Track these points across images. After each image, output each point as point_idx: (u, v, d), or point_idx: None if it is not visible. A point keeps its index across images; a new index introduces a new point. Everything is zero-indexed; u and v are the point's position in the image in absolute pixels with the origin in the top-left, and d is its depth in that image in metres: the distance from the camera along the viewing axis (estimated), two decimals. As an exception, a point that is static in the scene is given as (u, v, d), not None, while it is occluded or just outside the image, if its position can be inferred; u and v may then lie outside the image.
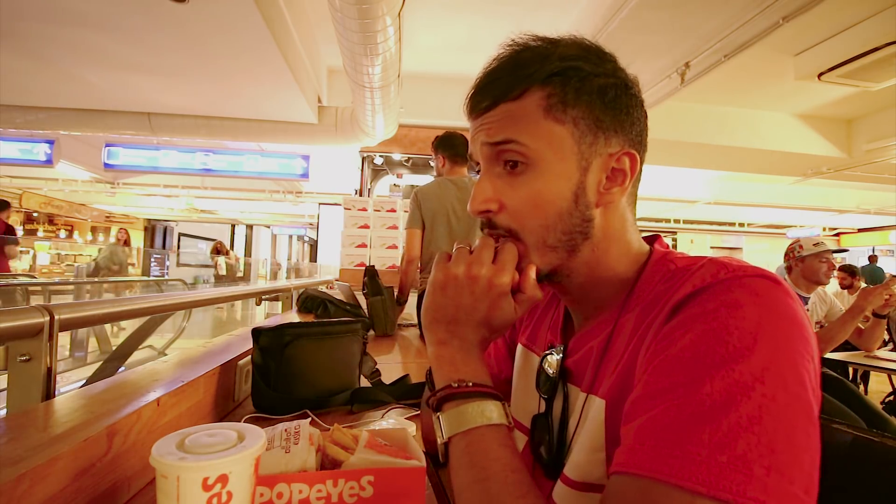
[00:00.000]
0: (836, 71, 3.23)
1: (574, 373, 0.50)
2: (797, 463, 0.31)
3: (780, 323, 0.35)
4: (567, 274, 0.49)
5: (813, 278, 2.33)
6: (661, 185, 7.49)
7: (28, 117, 4.44)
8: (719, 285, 0.38)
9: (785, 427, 0.31)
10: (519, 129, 0.46)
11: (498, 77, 0.48)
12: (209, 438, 0.47)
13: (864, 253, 9.70)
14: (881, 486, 0.52)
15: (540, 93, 0.46)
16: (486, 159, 0.49)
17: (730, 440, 0.30)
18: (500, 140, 0.47)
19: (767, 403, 0.32)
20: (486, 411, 0.44)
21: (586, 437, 0.45)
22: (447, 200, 2.16)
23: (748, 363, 0.33)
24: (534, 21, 3.47)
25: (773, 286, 0.37)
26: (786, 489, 0.30)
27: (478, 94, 0.49)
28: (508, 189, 0.48)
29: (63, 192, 9.62)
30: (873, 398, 3.41)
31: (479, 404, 0.44)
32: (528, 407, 0.57)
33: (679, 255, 0.47)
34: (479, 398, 0.45)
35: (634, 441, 0.34)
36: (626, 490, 0.33)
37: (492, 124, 0.47)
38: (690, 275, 0.41)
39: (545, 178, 0.46)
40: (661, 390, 0.35)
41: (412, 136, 4.64)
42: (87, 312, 0.97)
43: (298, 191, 9.05)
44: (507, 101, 0.47)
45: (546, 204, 0.46)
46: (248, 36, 2.89)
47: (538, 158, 0.46)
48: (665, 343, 0.38)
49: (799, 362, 0.34)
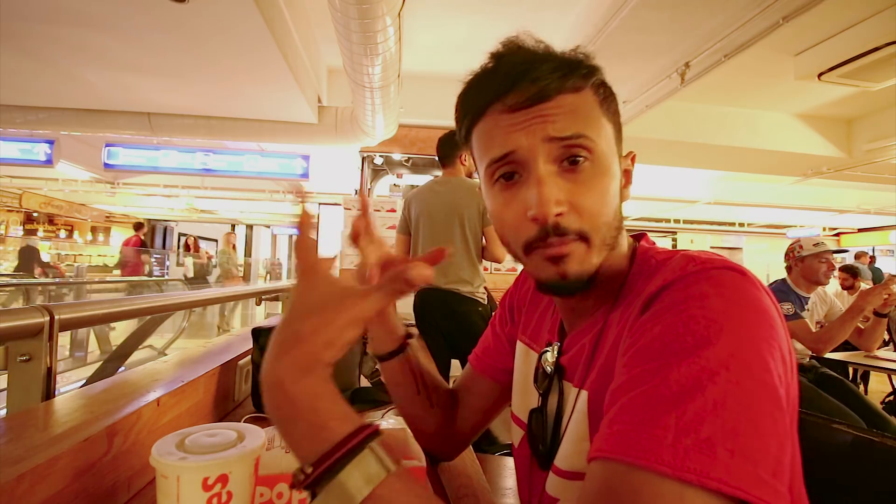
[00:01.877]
0: (836, 71, 3.23)
1: (568, 369, 0.52)
2: (763, 447, 0.31)
3: (745, 312, 0.36)
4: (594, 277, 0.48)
5: (812, 278, 2.33)
6: (661, 185, 7.49)
7: (28, 117, 4.44)
8: (687, 278, 0.39)
9: (749, 412, 0.32)
10: (586, 123, 0.44)
11: (548, 65, 0.44)
12: (209, 438, 0.47)
13: (864, 253, 9.69)
14: (881, 486, 0.52)
15: (592, 91, 0.46)
16: (547, 155, 0.44)
17: (695, 424, 0.31)
18: (571, 134, 0.43)
19: (732, 389, 0.32)
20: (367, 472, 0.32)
21: (574, 428, 0.47)
22: (429, 201, 2.14)
23: (714, 350, 0.34)
24: (534, 21, 3.47)
25: (738, 277, 0.39)
26: (750, 471, 0.30)
27: (527, 81, 0.44)
28: (575, 187, 0.44)
29: (63, 192, 9.62)
30: (873, 398, 3.41)
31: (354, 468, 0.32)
32: (527, 403, 0.58)
33: (661, 251, 0.49)
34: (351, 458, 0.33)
35: (608, 428, 0.35)
36: (599, 474, 0.34)
37: (556, 116, 0.43)
38: (663, 269, 0.42)
39: (608, 174, 0.46)
40: (632, 379, 0.36)
41: (412, 136, 4.64)
42: (87, 312, 0.97)
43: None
44: (566, 93, 0.44)
45: (610, 201, 0.46)
46: (248, 36, 2.89)
47: (602, 154, 0.45)
48: (638, 335, 0.39)
49: (764, 349, 0.35)
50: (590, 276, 0.46)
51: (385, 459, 0.33)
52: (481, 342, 0.74)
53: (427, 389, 0.68)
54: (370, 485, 0.32)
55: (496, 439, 1.91)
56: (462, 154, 2.12)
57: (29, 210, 11.14)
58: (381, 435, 0.34)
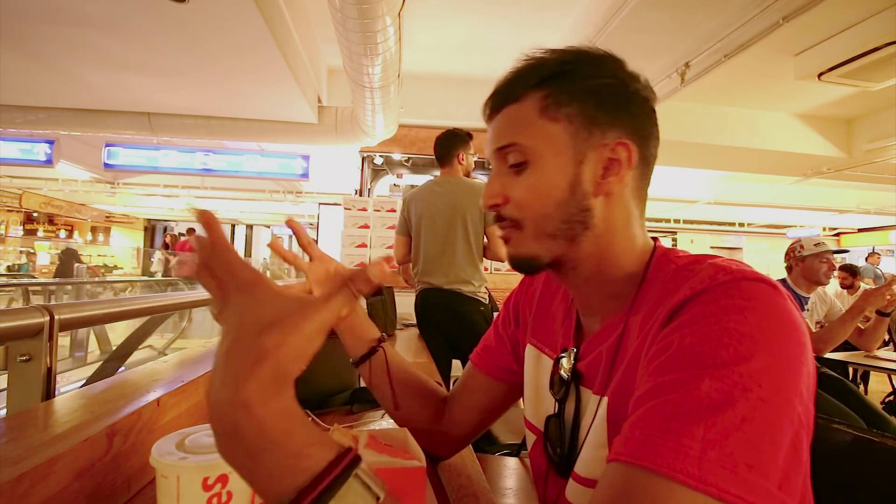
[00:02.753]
0: (836, 71, 3.22)
1: (586, 376, 0.52)
2: (774, 461, 0.32)
3: (779, 328, 0.37)
4: (573, 266, 0.51)
5: (813, 278, 2.33)
6: (661, 185, 7.49)
7: (28, 117, 4.44)
8: (718, 288, 0.39)
9: (772, 429, 0.33)
10: (518, 131, 0.51)
11: (502, 85, 0.53)
12: (209, 438, 0.47)
13: (864, 253, 9.69)
14: (881, 486, 0.52)
15: (536, 95, 0.50)
16: (495, 160, 0.54)
17: (722, 438, 0.32)
18: (502, 145, 0.52)
19: (762, 406, 0.33)
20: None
21: (594, 434, 0.47)
22: (430, 202, 2.14)
23: (749, 366, 0.34)
24: (534, 21, 3.47)
25: (770, 290, 0.39)
26: (762, 485, 0.31)
27: (487, 102, 0.55)
28: (513, 184, 0.52)
29: (63, 192, 9.63)
30: (873, 398, 3.41)
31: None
32: (542, 409, 0.59)
33: (681, 255, 0.49)
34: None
35: (630, 431, 0.35)
36: (617, 476, 0.34)
37: (497, 129, 0.53)
38: (690, 277, 0.42)
39: (542, 172, 0.50)
40: (659, 386, 0.36)
41: (412, 136, 4.64)
42: (87, 312, 0.97)
43: (298, 191, 9.05)
44: (509, 106, 0.52)
45: (544, 195, 0.50)
46: (249, 36, 2.89)
47: (536, 156, 0.50)
48: (664, 344, 0.39)
49: (796, 368, 0.36)
50: (531, 259, 0.52)
51: (373, 486, 0.29)
52: (483, 341, 0.75)
53: (393, 392, 0.71)
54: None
55: (496, 439, 1.91)
56: (460, 153, 2.12)
57: (29, 210, 11.14)
58: (361, 460, 0.30)
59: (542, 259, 0.51)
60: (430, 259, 2.11)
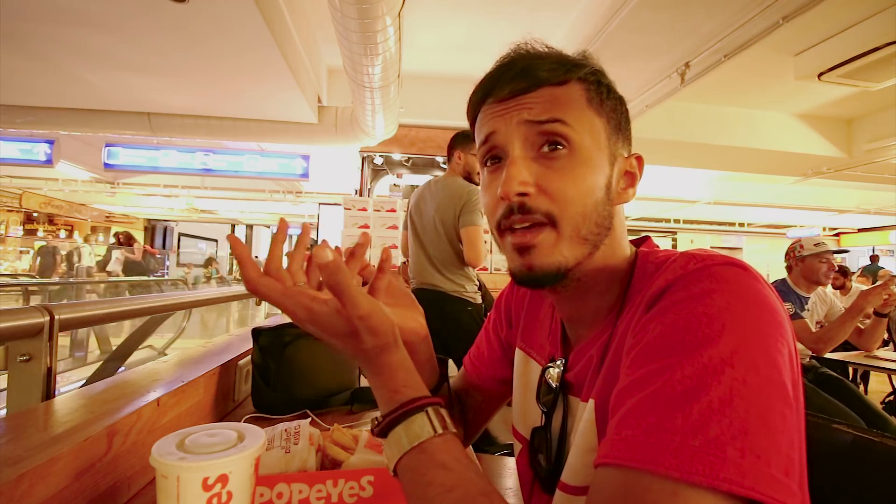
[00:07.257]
0: (836, 71, 3.22)
1: (575, 385, 0.50)
2: (773, 445, 0.31)
3: (748, 307, 0.36)
4: (578, 277, 0.47)
5: (813, 278, 2.33)
6: (661, 185, 7.49)
7: (28, 117, 4.44)
8: (689, 276, 0.39)
9: (758, 409, 0.31)
10: (565, 111, 0.45)
11: (539, 62, 0.46)
12: (209, 438, 0.47)
13: (864, 253, 9.70)
14: (881, 486, 0.52)
15: (580, 86, 0.46)
16: (524, 140, 0.46)
17: (701, 424, 0.31)
18: (546, 118, 0.45)
19: (738, 386, 0.32)
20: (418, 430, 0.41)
21: (581, 438, 0.45)
22: (421, 201, 2.16)
23: (717, 347, 0.33)
24: (534, 21, 3.47)
25: (740, 272, 0.38)
26: (763, 471, 0.29)
27: (515, 74, 0.46)
28: (549, 172, 0.45)
29: (63, 192, 9.62)
30: (873, 398, 3.40)
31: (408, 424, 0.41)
32: (529, 419, 0.57)
33: (660, 252, 0.48)
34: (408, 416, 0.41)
35: (614, 433, 0.35)
36: (607, 481, 0.33)
37: (535, 104, 0.45)
38: (665, 270, 0.42)
39: (587, 165, 0.45)
40: (637, 381, 0.36)
41: (412, 136, 4.64)
42: (87, 312, 0.97)
43: (298, 191, 9.05)
44: (551, 85, 0.45)
45: (588, 191, 0.45)
46: (249, 36, 2.89)
47: (581, 144, 0.45)
48: (640, 336, 0.38)
49: (771, 345, 0.34)
50: (559, 270, 0.45)
51: (435, 423, 0.40)
52: (475, 346, 0.73)
53: (462, 411, 0.70)
54: (418, 439, 0.39)
55: (496, 439, 1.91)
56: (457, 152, 2.12)
57: (29, 210, 11.14)
58: (441, 405, 0.42)
59: (569, 268, 0.45)
60: (416, 258, 2.13)
